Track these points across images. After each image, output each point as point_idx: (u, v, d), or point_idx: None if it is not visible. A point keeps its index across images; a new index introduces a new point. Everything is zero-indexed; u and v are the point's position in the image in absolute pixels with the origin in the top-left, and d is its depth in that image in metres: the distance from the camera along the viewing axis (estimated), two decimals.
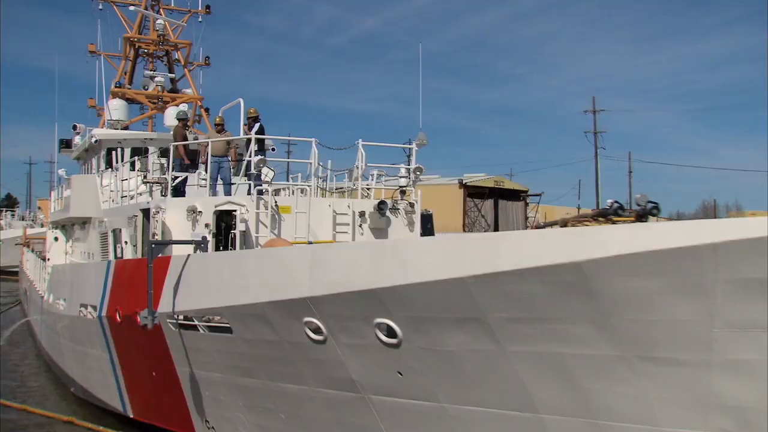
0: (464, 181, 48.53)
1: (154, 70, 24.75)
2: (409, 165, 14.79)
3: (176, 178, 14.65)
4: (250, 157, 13.22)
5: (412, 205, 14.45)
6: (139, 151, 19.64)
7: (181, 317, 11.42)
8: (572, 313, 6.53)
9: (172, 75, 24.91)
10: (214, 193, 14.39)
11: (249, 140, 14.78)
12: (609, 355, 6.52)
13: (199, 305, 10.80)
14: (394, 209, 14.29)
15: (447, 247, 7.28)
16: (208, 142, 14.67)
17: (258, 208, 13.02)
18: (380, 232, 14.15)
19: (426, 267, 7.38)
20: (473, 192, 49.71)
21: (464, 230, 47.13)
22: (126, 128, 22.54)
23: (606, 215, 7.18)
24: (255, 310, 9.60)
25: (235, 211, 12.93)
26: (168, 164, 14.35)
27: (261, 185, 13.18)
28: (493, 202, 50.92)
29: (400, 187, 15.33)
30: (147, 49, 24.94)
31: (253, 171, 13.05)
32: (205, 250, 11.33)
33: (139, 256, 14.66)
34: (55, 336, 20.11)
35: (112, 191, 17.75)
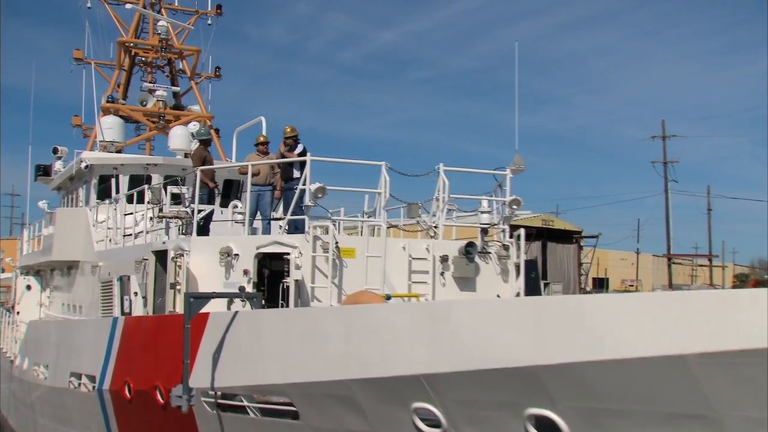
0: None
1: (154, 83, 24.10)
2: (500, 196, 13.64)
3: (200, 212, 13.57)
4: (303, 184, 11.97)
5: (506, 247, 13.19)
6: (140, 180, 18.65)
7: (219, 394, 10.10)
8: None
9: (176, 88, 24.19)
10: (252, 230, 13.19)
11: (285, 167, 13.97)
12: None
13: (249, 380, 9.51)
14: (484, 253, 13.03)
15: (657, 309, 5.94)
16: (239, 166, 13.71)
17: (315, 250, 11.74)
18: (467, 282, 12.92)
19: (620, 337, 6.06)
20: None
21: None
22: (119, 152, 21.55)
23: None
24: (337, 390, 8.31)
25: (286, 254, 11.74)
26: (194, 194, 13.39)
27: (320, 219, 12.00)
28: (541, 245, 49.49)
29: (483, 224, 14.05)
30: (145, 56, 24.41)
31: (309, 203, 11.81)
32: (259, 305, 10.04)
33: (150, 311, 13.43)
34: (29, 412, 18.76)
35: (110, 228, 16.65)
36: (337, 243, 11.90)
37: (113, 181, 18.66)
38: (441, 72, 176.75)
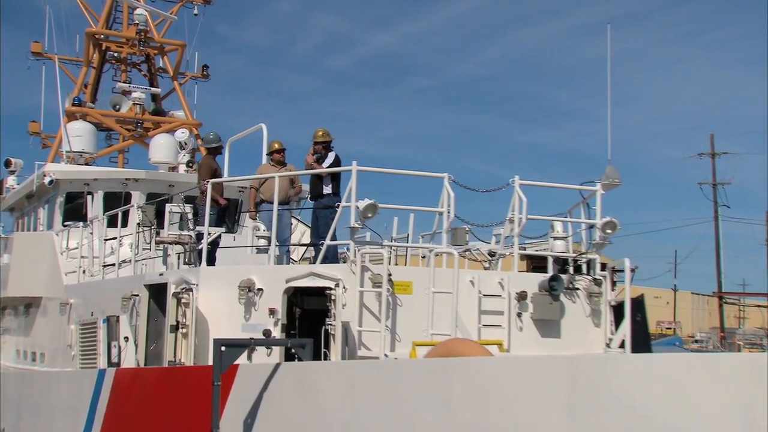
0: (527, 251, 46.17)
1: (129, 83, 23.10)
2: (587, 217, 12.69)
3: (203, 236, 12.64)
4: (347, 201, 11.07)
5: (598, 282, 12.14)
6: (117, 198, 17.80)
7: None
8: None
9: (157, 90, 23.27)
10: (279, 259, 12.40)
11: (314, 181, 13.34)
12: None
13: None
14: (571, 289, 12.03)
15: None
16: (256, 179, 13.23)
17: (362, 284, 10.79)
18: (549, 325, 11.90)
19: None
20: (540, 266, 47.28)
21: None
22: (87, 165, 20.53)
23: None
24: None
25: (327, 289, 10.76)
26: (204, 213, 12.66)
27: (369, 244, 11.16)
28: None
29: (555, 255, 13.28)
30: (119, 51, 23.39)
31: (355, 224, 10.79)
32: (308, 356, 8.89)
33: (141, 360, 12.42)
34: None
35: (84, 257, 15.76)
36: (390, 275, 10.82)
37: (89, 199, 17.84)
38: (443, 80, 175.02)
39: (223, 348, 8.45)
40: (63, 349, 15.52)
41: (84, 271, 15.69)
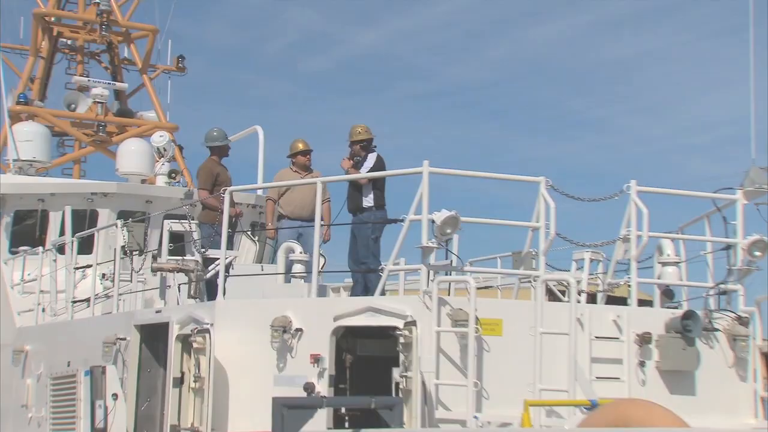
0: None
1: (88, 77, 22.60)
2: (721, 234, 11.66)
3: (211, 261, 12.20)
4: (414, 214, 10.25)
5: (744, 321, 11.15)
6: (81, 217, 17.26)
7: None
8: None
9: (123, 85, 22.92)
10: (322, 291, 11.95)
11: (353, 191, 13.03)
12: None
13: None
14: (709, 330, 11.02)
15: None
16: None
17: (440, 323, 9.84)
18: (681, 378, 10.80)
19: None
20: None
21: None
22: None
23: None
24: None
25: (398, 329, 9.79)
26: (207, 233, 12.58)
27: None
28: None
29: (662, 286, 12.30)
30: (74, 38, 23.04)
31: (429, 243, 9.94)
32: (399, 421, 7.72)
33: (130, 427, 11.63)
34: None
35: (45, 291, 15.22)
36: (476, 310, 9.82)
37: (51, 218, 17.59)
38: (439, 85, 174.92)
39: (285, 410, 7.20)
40: (16, 410, 14.87)
41: (44, 310, 15.03)
